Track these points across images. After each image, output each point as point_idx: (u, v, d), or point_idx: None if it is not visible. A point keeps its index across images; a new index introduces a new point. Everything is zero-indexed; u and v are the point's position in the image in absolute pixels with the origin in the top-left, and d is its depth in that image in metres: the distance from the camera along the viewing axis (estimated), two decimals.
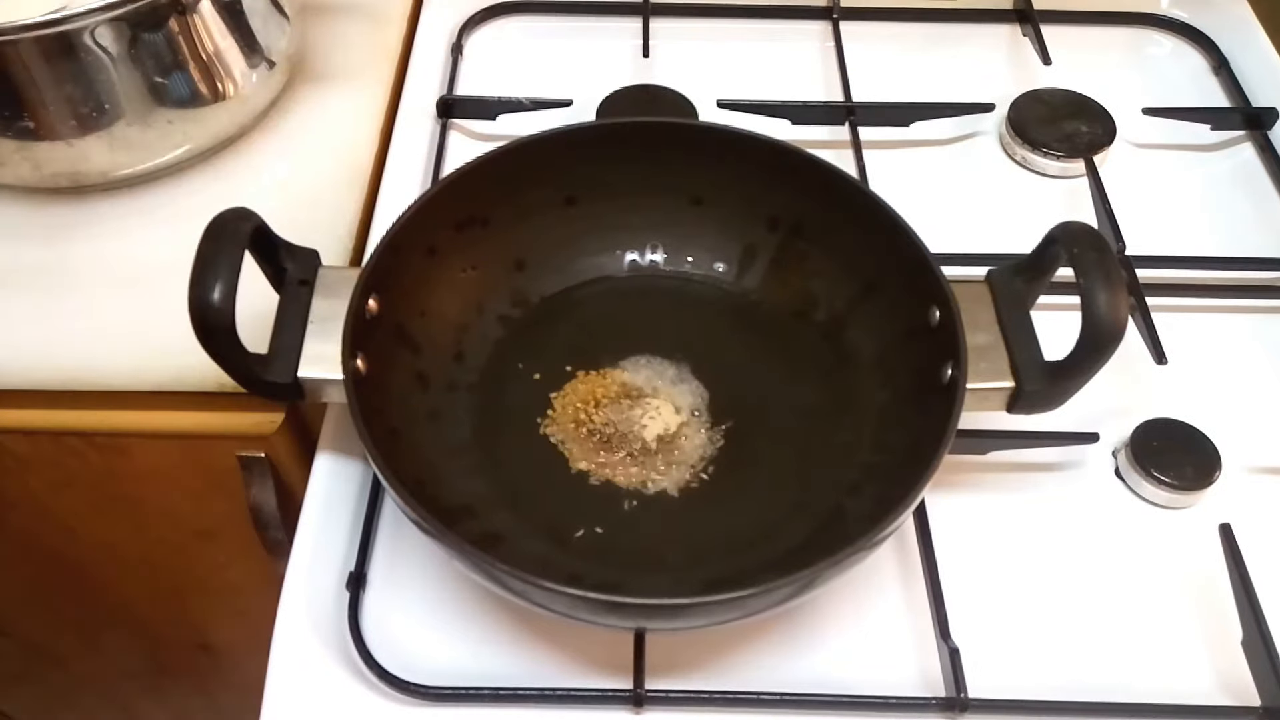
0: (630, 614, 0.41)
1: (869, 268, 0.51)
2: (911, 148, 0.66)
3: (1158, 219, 0.62)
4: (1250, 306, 0.58)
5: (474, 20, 0.73)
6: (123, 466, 0.61)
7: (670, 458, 0.49)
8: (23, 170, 0.57)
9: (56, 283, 0.57)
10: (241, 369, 0.45)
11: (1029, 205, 0.63)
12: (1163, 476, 0.50)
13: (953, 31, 0.73)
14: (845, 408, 0.50)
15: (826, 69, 0.70)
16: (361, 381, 0.45)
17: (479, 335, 0.53)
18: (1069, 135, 0.65)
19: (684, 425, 0.50)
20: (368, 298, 0.46)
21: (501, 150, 0.52)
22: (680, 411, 0.51)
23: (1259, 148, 0.66)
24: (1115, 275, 0.42)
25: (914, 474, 0.41)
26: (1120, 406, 0.53)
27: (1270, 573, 0.47)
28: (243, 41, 0.59)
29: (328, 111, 0.66)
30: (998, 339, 0.46)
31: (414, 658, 0.45)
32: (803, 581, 0.40)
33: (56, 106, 0.54)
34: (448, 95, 0.67)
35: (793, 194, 0.52)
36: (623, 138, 0.54)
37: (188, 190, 0.61)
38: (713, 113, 0.65)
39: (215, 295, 0.42)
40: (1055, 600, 0.47)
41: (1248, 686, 0.44)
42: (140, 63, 0.54)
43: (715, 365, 0.52)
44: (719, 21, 0.73)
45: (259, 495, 0.58)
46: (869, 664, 0.45)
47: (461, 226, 0.52)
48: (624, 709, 0.44)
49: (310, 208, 0.60)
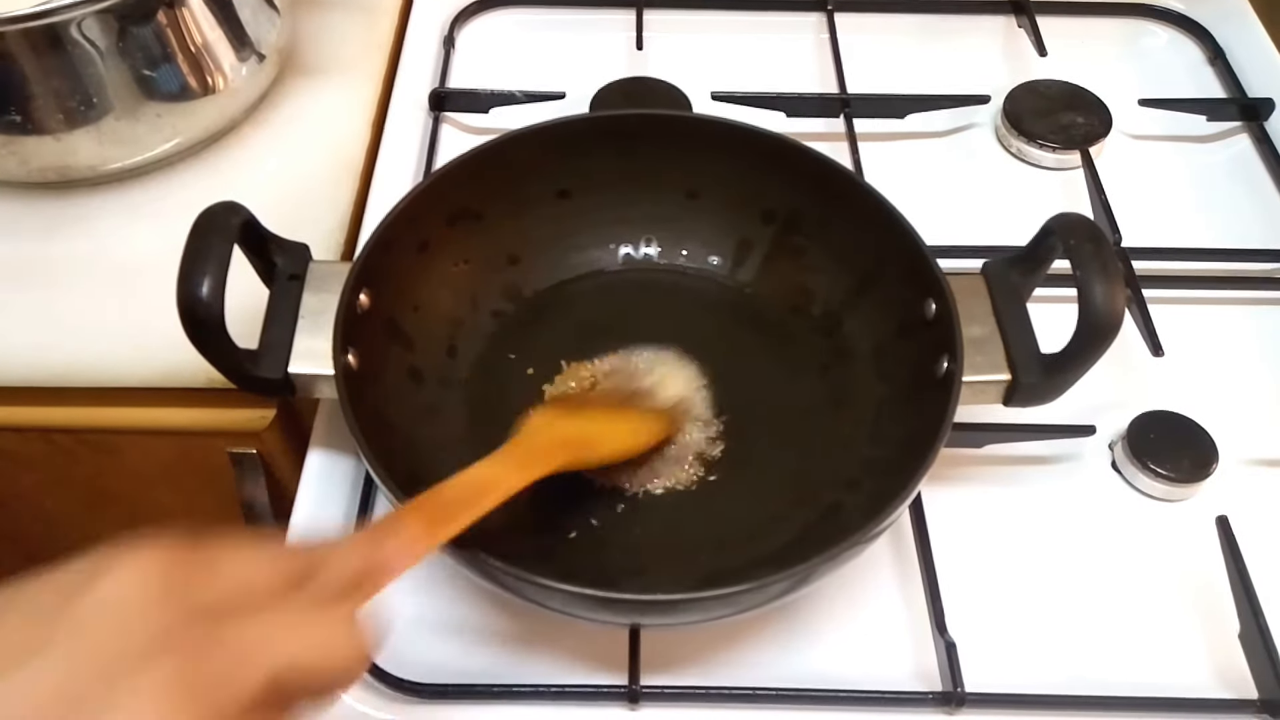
0: (625, 610, 0.41)
1: (864, 261, 0.51)
2: (906, 140, 0.66)
3: (1154, 210, 0.62)
4: (1247, 298, 0.58)
5: (466, 13, 0.72)
6: (113, 464, 0.60)
7: (666, 452, 0.49)
8: (10, 165, 0.56)
9: (45, 279, 0.56)
10: (231, 365, 0.45)
11: (1025, 197, 0.63)
12: (1159, 469, 0.49)
13: (947, 23, 0.73)
14: (841, 402, 0.50)
15: (821, 61, 0.70)
16: (353, 376, 0.44)
17: (472, 330, 0.52)
18: (1065, 127, 0.64)
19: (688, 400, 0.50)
20: (359, 292, 0.46)
21: (494, 144, 0.51)
22: (687, 383, 0.50)
23: (1255, 139, 0.66)
24: (1112, 267, 0.42)
25: (910, 468, 0.41)
26: (1117, 399, 0.52)
27: (1267, 565, 0.46)
28: (232, 34, 0.58)
29: (319, 105, 0.65)
30: (994, 332, 0.46)
31: (408, 655, 0.44)
32: (798, 576, 0.39)
33: (44, 100, 0.53)
34: (440, 88, 0.66)
35: (788, 187, 0.52)
36: (616, 131, 0.54)
37: (177, 184, 0.60)
38: (707, 105, 0.65)
39: (204, 290, 0.41)
40: (1052, 594, 0.47)
41: (1245, 679, 0.44)
42: (128, 56, 0.54)
43: (711, 359, 0.52)
44: (713, 14, 0.73)
45: (251, 492, 0.58)
46: (865, 658, 0.45)
47: (454, 220, 0.51)
48: (619, 705, 0.43)
49: (301, 202, 0.59)
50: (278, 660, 0.27)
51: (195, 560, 0.27)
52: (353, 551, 0.31)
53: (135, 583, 0.26)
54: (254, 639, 0.27)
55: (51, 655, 0.25)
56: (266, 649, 0.27)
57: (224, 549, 0.28)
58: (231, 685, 0.26)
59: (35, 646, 0.25)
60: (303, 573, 0.29)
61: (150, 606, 0.26)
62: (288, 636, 0.27)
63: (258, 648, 0.26)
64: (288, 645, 0.27)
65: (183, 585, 0.26)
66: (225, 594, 0.27)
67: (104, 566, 0.26)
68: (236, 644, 0.26)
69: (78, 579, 0.26)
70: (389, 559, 0.32)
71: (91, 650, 0.25)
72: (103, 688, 0.24)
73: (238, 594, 0.27)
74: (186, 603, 0.26)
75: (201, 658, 0.25)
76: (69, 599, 0.26)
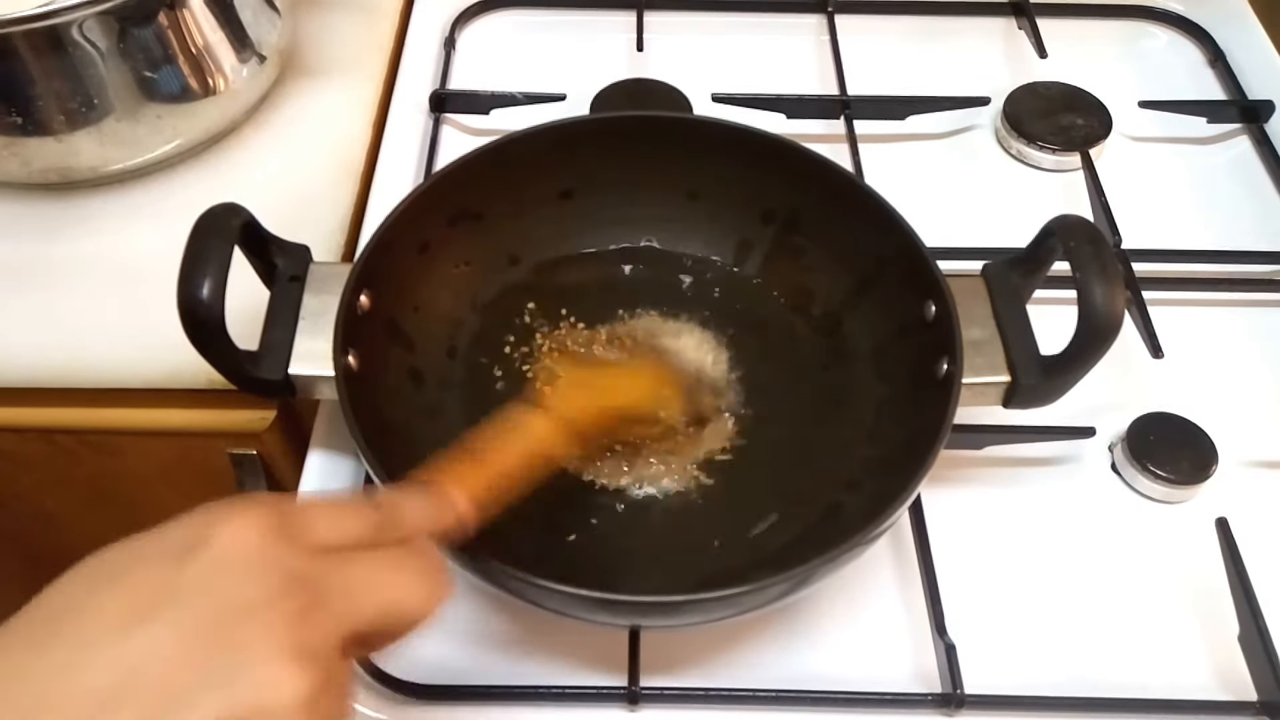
0: (625, 611, 0.41)
1: (864, 262, 0.51)
2: (907, 141, 0.66)
3: (1154, 212, 0.62)
4: (1246, 300, 0.58)
5: (467, 14, 0.72)
6: (114, 465, 0.60)
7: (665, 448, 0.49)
8: (11, 166, 0.56)
9: (46, 280, 0.56)
10: (232, 366, 0.45)
11: (1025, 199, 0.63)
12: (1159, 471, 0.49)
13: (948, 25, 0.73)
14: (841, 402, 0.50)
15: (821, 63, 0.70)
16: (353, 378, 0.44)
17: (472, 331, 0.52)
18: (1065, 128, 0.64)
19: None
20: (359, 293, 0.46)
21: (495, 145, 0.51)
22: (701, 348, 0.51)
23: (1255, 140, 0.66)
24: (1112, 269, 0.42)
25: (910, 469, 0.41)
26: (1116, 401, 0.52)
27: (1267, 567, 0.46)
28: (233, 35, 0.58)
29: (319, 106, 0.65)
30: (993, 333, 0.46)
31: (408, 655, 0.44)
32: (798, 578, 0.39)
33: (45, 101, 0.53)
34: (440, 90, 0.66)
35: (788, 188, 0.52)
36: (617, 132, 0.54)
37: (178, 186, 0.60)
38: (707, 107, 0.65)
39: (204, 291, 0.41)
40: (1051, 595, 0.47)
41: (1244, 681, 0.44)
42: (130, 57, 0.54)
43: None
44: (713, 15, 0.73)
45: (251, 493, 0.58)
46: (865, 660, 0.45)
47: (454, 221, 0.51)
48: (619, 706, 0.44)
49: (302, 203, 0.59)
50: (380, 597, 0.30)
51: (292, 516, 0.30)
52: (421, 504, 0.34)
53: (247, 539, 0.28)
54: (360, 581, 0.30)
55: (181, 607, 0.27)
56: (371, 589, 0.30)
57: (312, 506, 0.31)
58: (345, 621, 0.29)
59: (164, 599, 0.27)
60: (383, 523, 0.32)
61: (267, 557, 0.28)
62: (387, 578, 0.30)
63: (364, 588, 0.30)
64: (386, 586, 0.30)
65: (289, 538, 0.29)
66: (326, 543, 0.30)
67: (214, 524, 0.28)
68: (345, 585, 0.29)
69: (190, 535, 0.28)
70: (451, 507, 0.35)
71: (219, 601, 0.27)
72: (232, 632, 0.26)
73: (337, 543, 0.30)
74: (296, 551, 0.29)
75: (318, 598, 0.28)
76: (188, 553, 0.28)
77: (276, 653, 0.27)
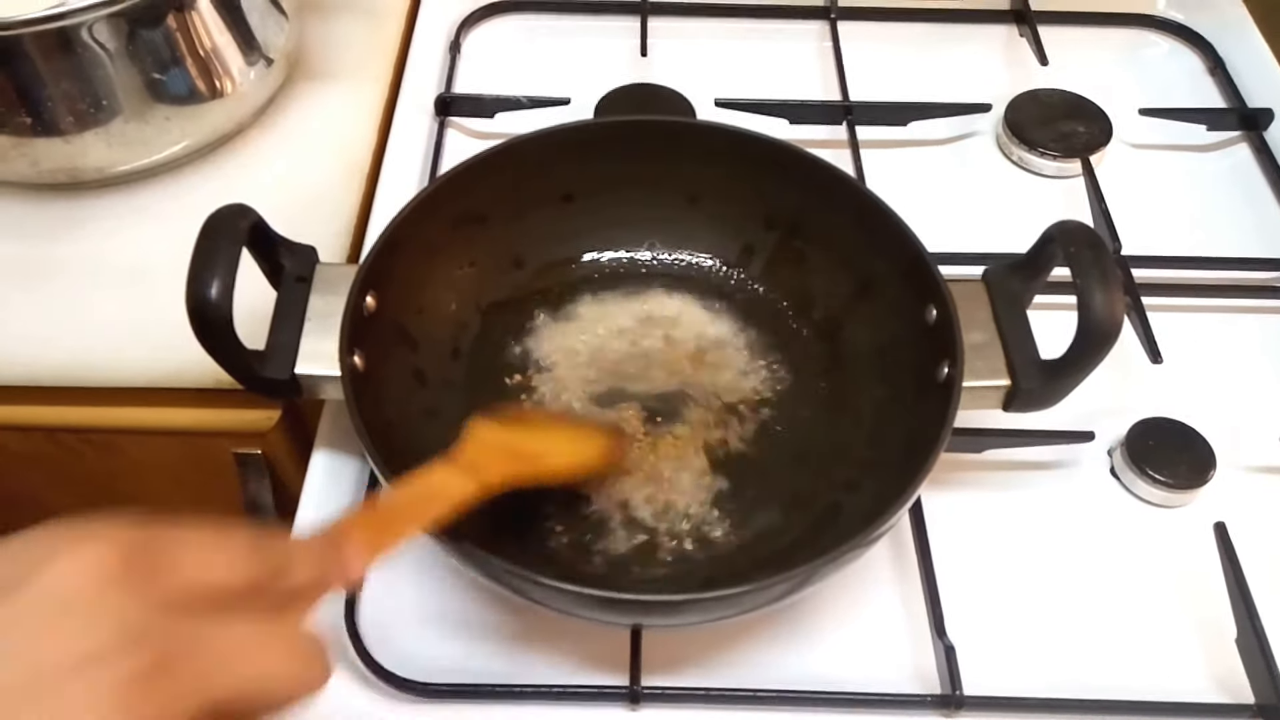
0: (627, 610, 0.41)
1: (866, 267, 0.51)
2: (909, 147, 0.66)
3: (1153, 219, 0.62)
4: (1245, 306, 0.58)
5: (472, 18, 0.73)
6: (119, 464, 0.61)
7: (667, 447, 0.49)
8: (20, 166, 0.56)
9: (54, 279, 0.57)
10: (239, 366, 0.45)
11: (1025, 205, 0.63)
12: (1158, 475, 0.50)
13: (950, 32, 0.73)
14: (842, 406, 0.50)
15: (824, 68, 0.70)
16: (359, 378, 0.45)
17: (475, 332, 0.53)
18: (1065, 135, 0.65)
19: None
20: (365, 294, 0.46)
21: (499, 148, 0.52)
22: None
23: (1254, 148, 0.66)
24: (1111, 274, 0.42)
25: (910, 472, 0.41)
26: (1116, 405, 0.53)
27: (1264, 571, 0.47)
28: (241, 38, 0.59)
29: (326, 109, 0.66)
30: (994, 338, 0.46)
31: (411, 654, 0.45)
32: (798, 579, 0.40)
33: (54, 103, 0.54)
34: (446, 93, 0.67)
35: (790, 193, 0.53)
36: (621, 136, 0.54)
37: (185, 187, 0.61)
38: (711, 111, 0.65)
39: (213, 291, 0.42)
40: (1050, 598, 0.48)
41: (1242, 684, 0.44)
42: (138, 59, 0.54)
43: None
44: (717, 21, 0.73)
45: (255, 492, 0.58)
46: (865, 661, 0.45)
47: (459, 224, 0.52)
48: (620, 705, 0.44)
49: (308, 205, 0.60)
50: (243, 671, 0.25)
51: (153, 551, 0.25)
52: (312, 557, 0.29)
53: (82, 577, 0.23)
54: (221, 647, 0.25)
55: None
56: (233, 659, 0.25)
57: (183, 539, 0.26)
58: (194, 694, 0.24)
59: None
60: (264, 574, 0.27)
61: (104, 603, 0.23)
62: (255, 648, 0.25)
63: (225, 657, 0.24)
64: (254, 658, 0.25)
65: (141, 579, 0.24)
66: (189, 591, 0.25)
67: (47, 557, 0.23)
68: (200, 650, 0.24)
69: (14, 567, 0.23)
70: (343, 567, 0.30)
71: (37, 654, 0.22)
72: (47, 693, 0.22)
73: (202, 592, 0.25)
74: (143, 599, 0.24)
75: (163, 662, 0.23)
76: (8, 589, 0.23)
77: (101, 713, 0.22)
